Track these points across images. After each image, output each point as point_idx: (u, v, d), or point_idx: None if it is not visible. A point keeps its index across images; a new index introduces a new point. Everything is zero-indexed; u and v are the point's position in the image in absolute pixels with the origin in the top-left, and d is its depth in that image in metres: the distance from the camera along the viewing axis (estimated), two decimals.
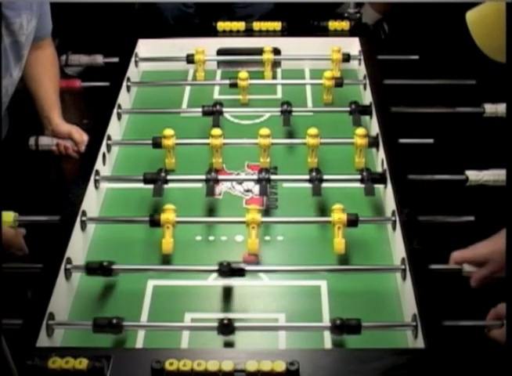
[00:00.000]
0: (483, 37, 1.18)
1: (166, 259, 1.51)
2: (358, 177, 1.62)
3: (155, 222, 1.50)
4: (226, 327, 1.28)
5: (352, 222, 1.49)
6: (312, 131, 1.71)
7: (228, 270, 1.39)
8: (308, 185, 1.62)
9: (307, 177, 1.62)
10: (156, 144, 1.72)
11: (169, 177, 1.64)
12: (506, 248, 1.05)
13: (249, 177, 1.72)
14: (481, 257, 1.37)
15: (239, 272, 1.40)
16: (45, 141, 1.88)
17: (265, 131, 1.71)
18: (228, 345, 1.32)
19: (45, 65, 1.91)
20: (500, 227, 1.30)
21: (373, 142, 1.73)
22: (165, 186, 1.63)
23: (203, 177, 1.63)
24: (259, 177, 1.63)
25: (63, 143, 1.86)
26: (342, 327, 1.28)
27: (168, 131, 1.71)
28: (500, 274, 1.33)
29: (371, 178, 1.61)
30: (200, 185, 1.67)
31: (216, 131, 1.73)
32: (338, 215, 1.49)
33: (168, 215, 1.49)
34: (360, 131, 1.71)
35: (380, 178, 1.62)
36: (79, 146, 1.83)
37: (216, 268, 1.41)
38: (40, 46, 1.88)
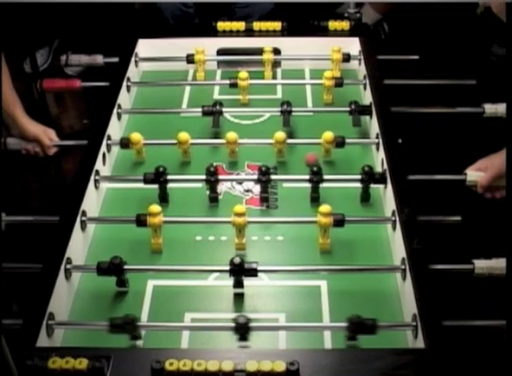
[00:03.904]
0: None
1: (166, 259, 1.51)
2: (359, 177, 1.62)
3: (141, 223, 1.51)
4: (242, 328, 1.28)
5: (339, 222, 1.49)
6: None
7: (240, 270, 1.39)
8: (307, 185, 1.63)
9: (307, 177, 1.63)
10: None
11: (169, 177, 1.64)
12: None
13: (249, 177, 1.72)
14: (482, 164, 1.60)
15: (251, 273, 1.40)
16: (13, 146, 1.84)
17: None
18: (228, 345, 1.32)
19: None
20: (500, 226, 1.30)
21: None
22: (166, 185, 1.63)
23: (204, 177, 1.63)
24: (259, 177, 1.63)
25: (32, 149, 1.81)
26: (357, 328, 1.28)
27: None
28: (501, 180, 1.53)
29: (372, 177, 1.62)
30: (200, 185, 1.67)
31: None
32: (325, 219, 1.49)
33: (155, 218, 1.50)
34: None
35: (380, 178, 1.62)
36: (47, 150, 1.77)
37: (216, 268, 1.42)
38: None
